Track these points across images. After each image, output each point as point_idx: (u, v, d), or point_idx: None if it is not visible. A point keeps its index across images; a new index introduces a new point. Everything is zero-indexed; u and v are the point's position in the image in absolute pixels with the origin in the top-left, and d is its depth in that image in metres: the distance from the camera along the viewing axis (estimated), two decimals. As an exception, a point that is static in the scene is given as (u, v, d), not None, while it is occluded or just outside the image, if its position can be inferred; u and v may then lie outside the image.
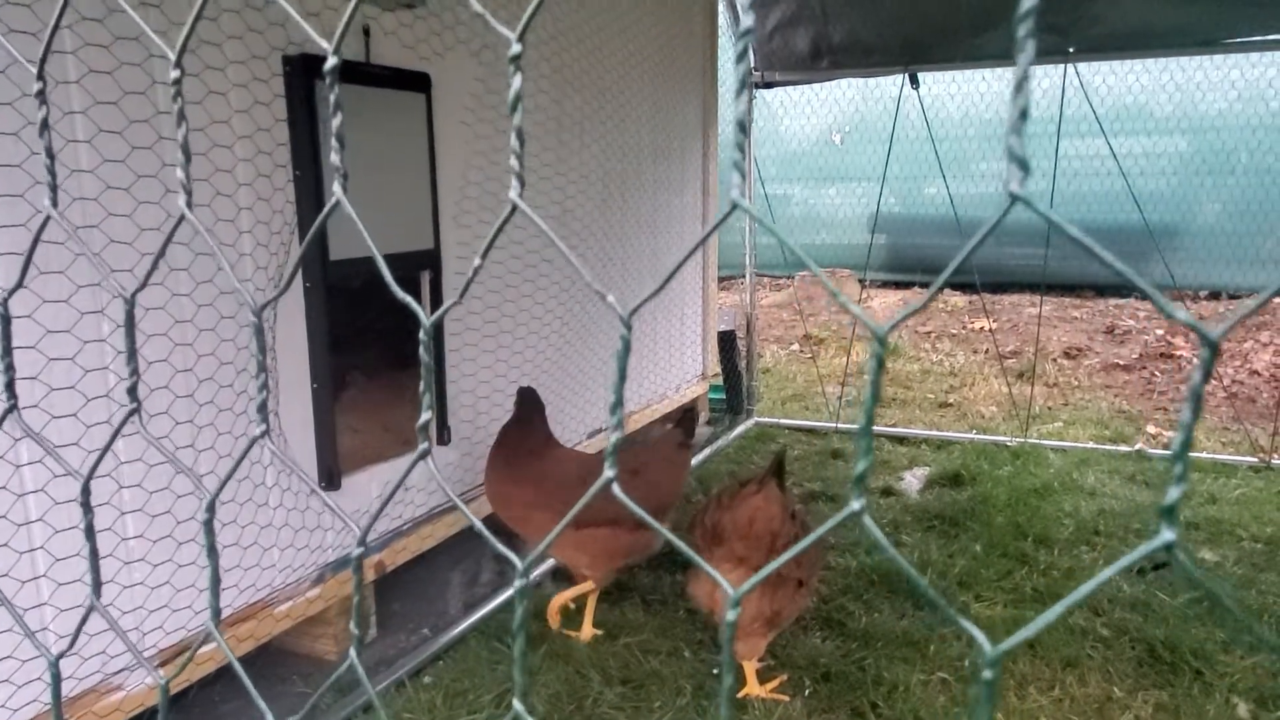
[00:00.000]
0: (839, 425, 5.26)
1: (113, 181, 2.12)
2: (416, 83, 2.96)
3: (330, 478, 2.78)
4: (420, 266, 3.07)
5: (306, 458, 2.73)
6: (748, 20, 0.33)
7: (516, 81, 0.38)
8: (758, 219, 0.35)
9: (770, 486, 2.50)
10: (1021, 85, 0.29)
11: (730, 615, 0.33)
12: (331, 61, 0.43)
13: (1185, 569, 0.27)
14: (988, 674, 0.29)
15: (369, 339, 2.98)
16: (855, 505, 0.32)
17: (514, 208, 0.38)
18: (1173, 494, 0.27)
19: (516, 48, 0.38)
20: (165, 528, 2.32)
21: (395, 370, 3.27)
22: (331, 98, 0.43)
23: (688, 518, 2.95)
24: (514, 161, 0.37)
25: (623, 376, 0.37)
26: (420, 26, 2.95)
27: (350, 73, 2.70)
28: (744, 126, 0.31)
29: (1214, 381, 6.18)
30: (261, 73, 2.47)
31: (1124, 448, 4.86)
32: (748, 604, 2.37)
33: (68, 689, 2.14)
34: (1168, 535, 0.26)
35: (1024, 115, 0.28)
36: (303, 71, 2.54)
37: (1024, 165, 0.29)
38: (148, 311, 2.23)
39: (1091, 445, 4.91)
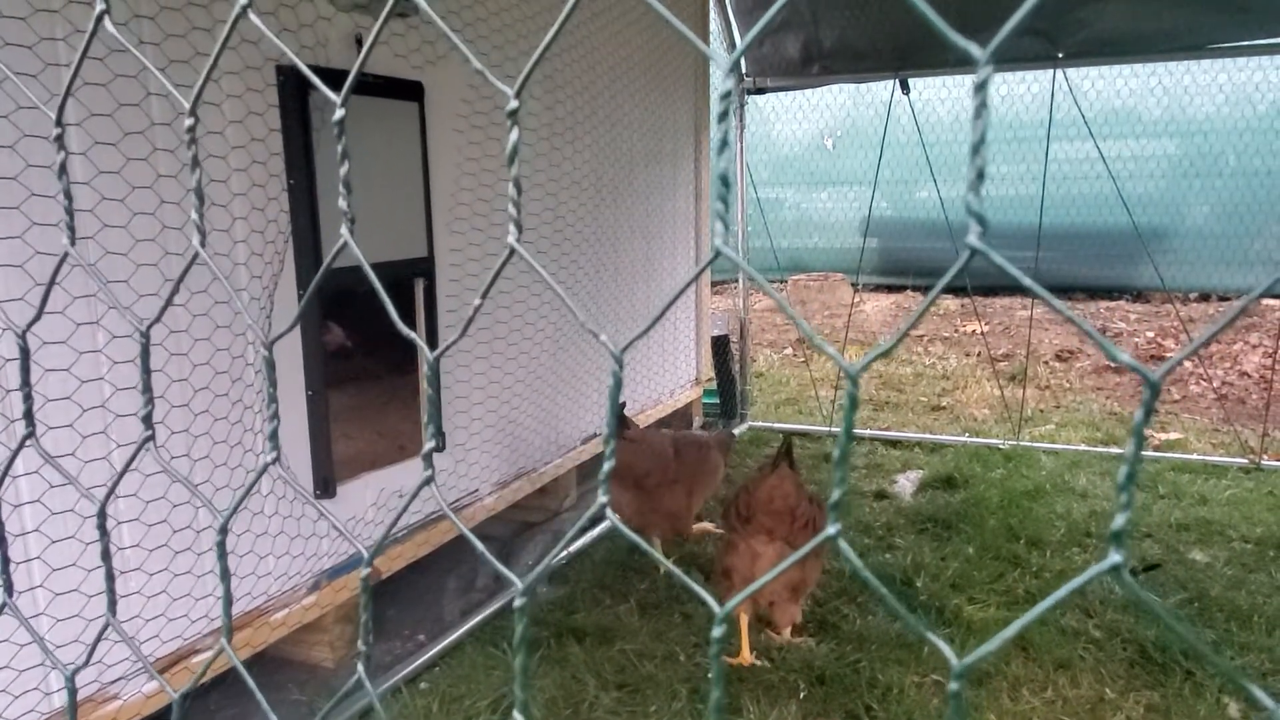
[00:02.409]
0: (833, 429, 5.29)
1: (107, 193, 2.13)
2: (409, 91, 2.98)
3: (325, 486, 2.80)
4: (414, 274, 3.09)
5: (302, 466, 2.74)
6: (728, 83, 0.34)
7: (514, 135, 0.40)
8: (742, 265, 0.37)
9: (782, 468, 2.85)
10: (978, 148, 0.31)
11: (716, 632, 0.35)
12: (339, 114, 0.45)
13: (1132, 590, 0.29)
14: (954, 685, 0.31)
15: (365, 345, 3.00)
16: (831, 530, 0.34)
17: (511, 251, 0.39)
18: (1119, 520, 0.28)
19: (514, 103, 0.40)
20: (161, 537, 2.33)
21: (390, 377, 3.28)
22: (339, 147, 0.45)
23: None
24: (512, 209, 0.38)
25: (614, 412, 0.39)
26: (413, 36, 2.97)
27: (343, 82, 2.71)
28: (726, 180, 0.33)
29: (1204, 383, 6.22)
30: (255, 83, 2.48)
31: (1115, 450, 4.90)
32: (778, 578, 2.67)
33: (65, 699, 2.15)
34: (1115, 558, 0.28)
35: (980, 176, 0.30)
36: (296, 82, 2.56)
37: (982, 220, 0.31)
38: (142, 321, 2.24)
39: (1083, 447, 4.94)
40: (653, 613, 3.16)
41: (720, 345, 5.60)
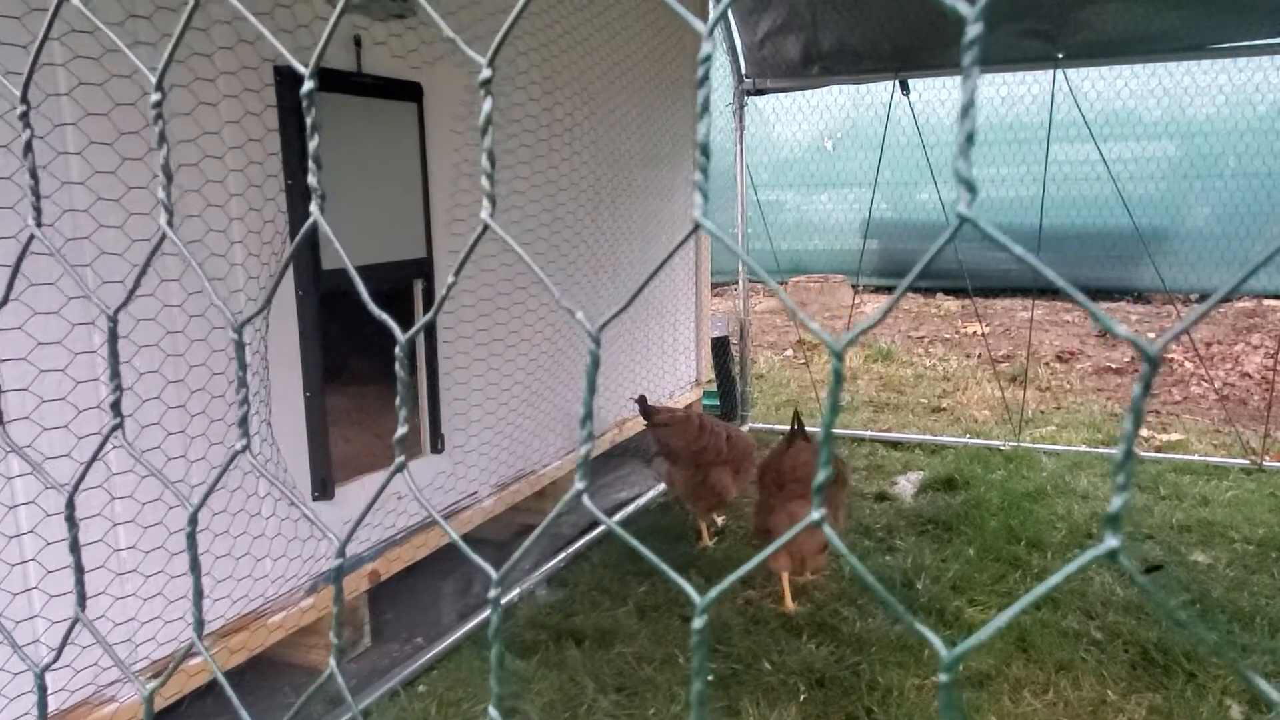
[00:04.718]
0: (833, 430, 5.27)
1: (103, 193, 2.13)
2: (407, 92, 2.97)
3: (324, 487, 2.78)
4: (413, 275, 3.08)
5: (300, 467, 2.72)
6: (707, 47, 0.34)
7: (486, 105, 0.39)
8: (721, 238, 0.36)
9: (797, 441, 3.26)
10: (967, 110, 0.30)
11: (698, 624, 0.34)
12: (308, 86, 0.44)
13: (1131, 574, 0.28)
14: (943, 677, 0.30)
15: (362, 347, 2.99)
16: (815, 515, 0.33)
17: (485, 227, 0.38)
18: (1115, 503, 0.27)
19: (486, 72, 0.39)
20: (157, 539, 2.32)
21: (389, 379, 3.27)
22: (309, 120, 0.44)
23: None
24: (485, 182, 0.37)
25: (591, 390, 0.38)
26: (411, 36, 2.96)
27: (341, 83, 2.71)
28: (706, 150, 0.32)
29: (1205, 384, 6.21)
30: (252, 83, 2.47)
31: (1116, 451, 4.88)
32: (809, 536, 3.05)
33: (60, 701, 2.13)
34: (1111, 542, 0.27)
35: (970, 139, 0.29)
36: (294, 82, 2.55)
37: (971, 187, 0.30)
38: (139, 323, 2.23)
39: (1084, 449, 4.93)
40: (652, 615, 3.15)
41: (720, 347, 5.59)
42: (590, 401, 0.38)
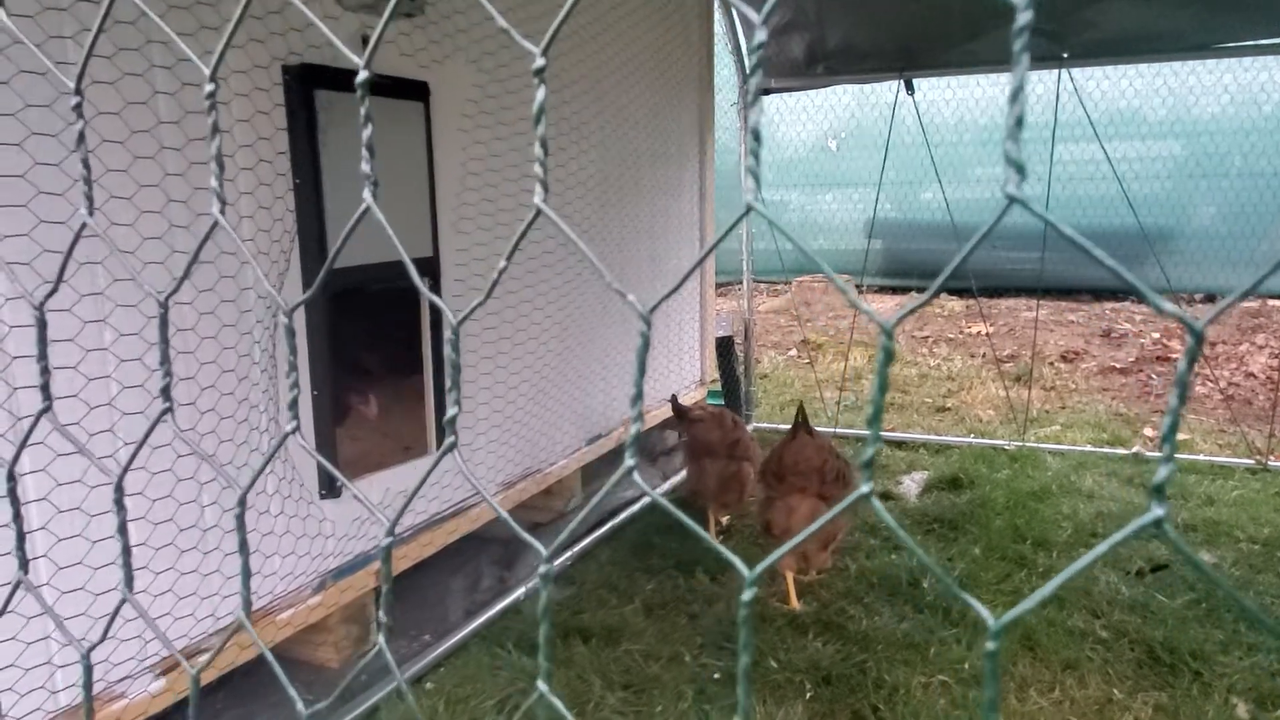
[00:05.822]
0: (837, 430, 5.27)
1: (115, 191, 2.14)
2: (415, 91, 2.98)
3: (331, 485, 2.79)
4: (419, 274, 3.08)
5: (307, 465, 2.74)
6: (761, 34, 0.34)
7: (541, 94, 0.40)
8: (772, 222, 0.36)
9: (800, 435, 3.28)
10: (1017, 95, 0.30)
11: (746, 595, 0.35)
12: (363, 75, 0.44)
13: (1176, 544, 0.29)
14: (990, 645, 0.31)
15: (370, 346, 3.00)
16: (865, 489, 0.33)
17: (538, 212, 0.39)
18: (1162, 472, 0.28)
19: (540, 61, 0.40)
20: (168, 535, 2.33)
21: (395, 377, 3.28)
22: (363, 110, 0.45)
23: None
24: (538, 168, 0.38)
25: (642, 370, 0.39)
26: (419, 35, 2.97)
27: (348, 81, 2.72)
28: (758, 135, 0.33)
29: (1210, 384, 6.20)
30: (262, 82, 2.49)
31: (1121, 450, 4.88)
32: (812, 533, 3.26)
33: (71, 697, 2.15)
34: (1157, 511, 0.27)
35: (1020, 123, 0.30)
36: (302, 81, 2.56)
37: (1020, 169, 0.30)
38: (149, 320, 2.24)
39: (1089, 448, 4.93)
40: (659, 613, 3.16)
41: (725, 346, 5.60)
42: (640, 381, 0.39)
